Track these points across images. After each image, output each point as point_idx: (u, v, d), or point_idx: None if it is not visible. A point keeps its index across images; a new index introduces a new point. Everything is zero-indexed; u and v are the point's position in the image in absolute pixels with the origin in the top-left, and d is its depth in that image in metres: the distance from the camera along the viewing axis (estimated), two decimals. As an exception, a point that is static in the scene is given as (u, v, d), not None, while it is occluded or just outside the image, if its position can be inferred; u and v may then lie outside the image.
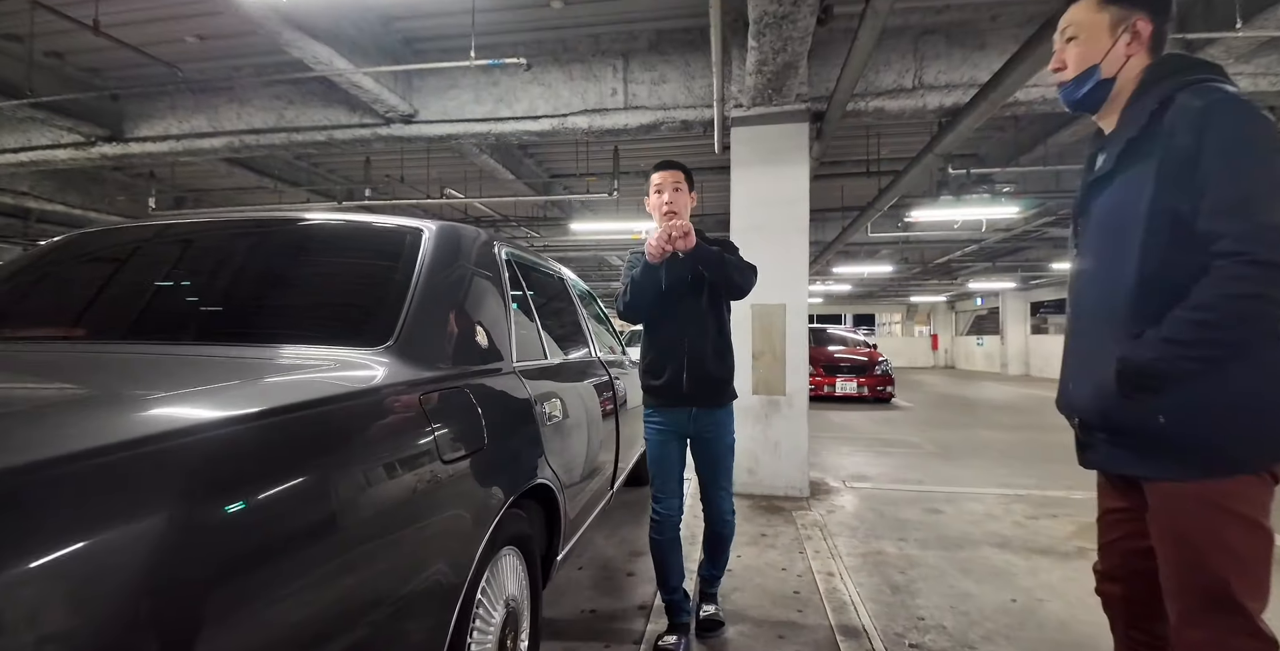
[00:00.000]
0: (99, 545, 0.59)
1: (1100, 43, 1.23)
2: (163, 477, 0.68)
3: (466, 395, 1.37)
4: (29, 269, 1.63)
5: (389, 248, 1.58)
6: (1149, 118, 1.15)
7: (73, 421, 0.73)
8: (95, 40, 3.91)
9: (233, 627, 0.70)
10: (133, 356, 1.17)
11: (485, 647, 1.38)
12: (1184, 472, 1.11)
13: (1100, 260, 1.24)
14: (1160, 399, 1.10)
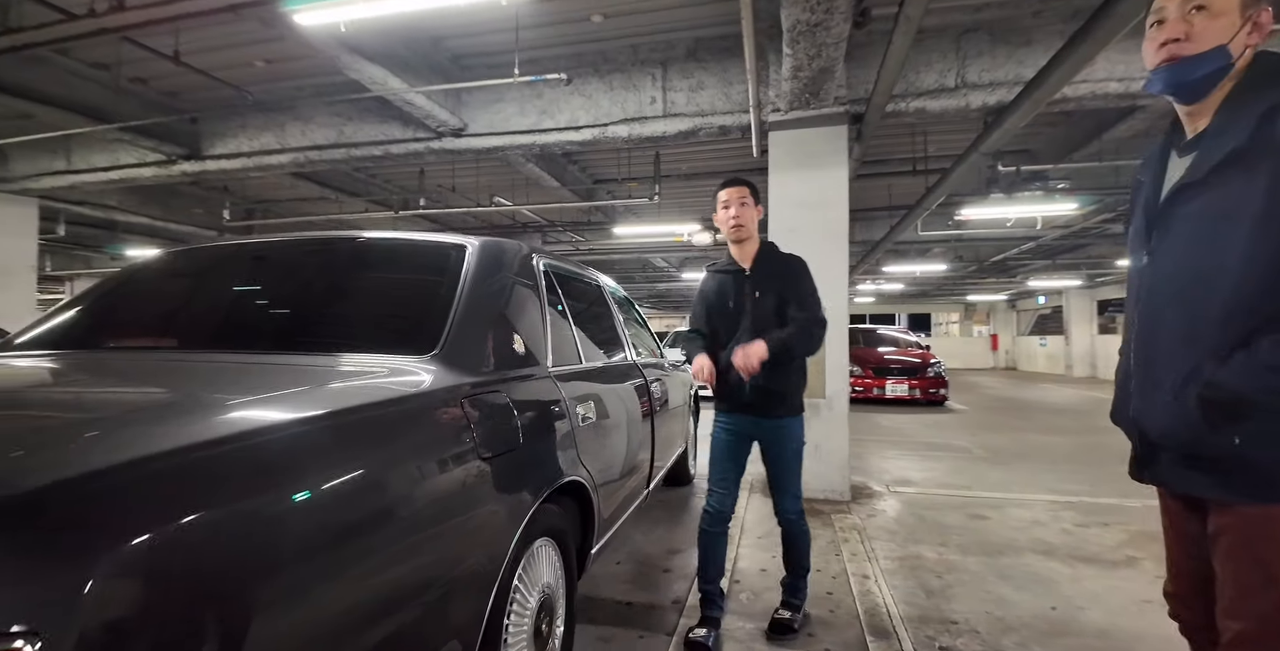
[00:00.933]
0: (192, 528, 0.73)
1: (1233, 19, 1.09)
2: (246, 470, 0.83)
3: (503, 398, 1.50)
4: (125, 285, 1.86)
5: (435, 263, 1.73)
6: (1258, 123, 1.05)
7: (170, 421, 0.88)
8: (174, 66, 4.28)
9: (303, 601, 0.83)
10: (215, 364, 1.35)
11: (521, 630, 1.50)
12: (1260, 495, 1.06)
13: (1185, 272, 1.15)
14: (1239, 423, 1.05)
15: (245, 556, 0.77)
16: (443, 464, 1.19)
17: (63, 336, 1.62)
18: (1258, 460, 1.05)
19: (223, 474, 0.80)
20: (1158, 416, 1.16)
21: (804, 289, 2.20)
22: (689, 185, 8.08)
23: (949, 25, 4.30)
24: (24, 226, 7.01)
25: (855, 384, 10.05)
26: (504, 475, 1.38)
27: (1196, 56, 1.10)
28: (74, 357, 1.47)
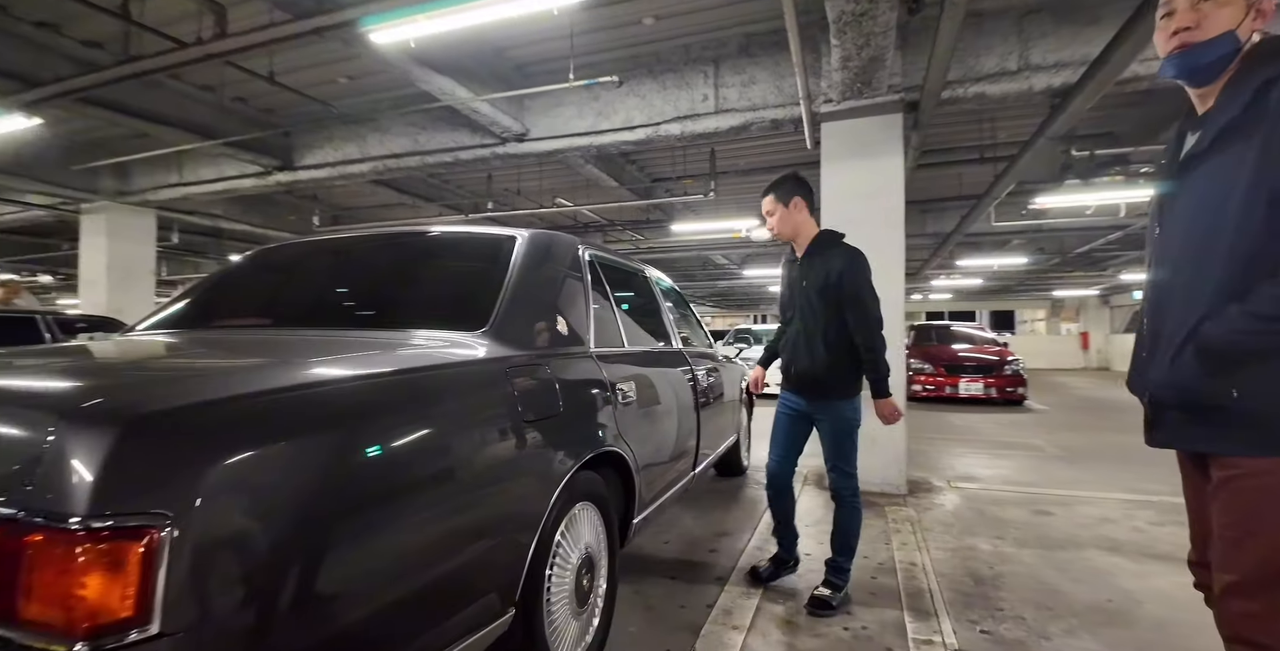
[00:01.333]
0: (280, 448, 0.91)
1: (1239, 7, 1.16)
2: (327, 406, 1.02)
3: (546, 370, 1.66)
4: (231, 276, 2.15)
5: (488, 252, 1.92)
6: (1253, 96, 1.11)
7: (267, 372, 1.08)
8: (269, 86, 4.74)
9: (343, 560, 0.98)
10: (302, 337, 1.58)
11: (564, 582, 1.66)
12: (1254, 449, 1.10)
13: (1190, 240, 1.21)
14: (1235, 374, 1.10)
15: (324, 474, 0.95)
16: (488, 420, 1.36)
17: (179, 320, 1.91)
18: (1255, 412, 1.09)
19: (310, 409, 0.99)
20: (1162, 372, 1.21)
21: (852, 285, 2.27)
22: (746, 180, 8.09)
23: (1010, 7, 4.17)
24: (144, 235, 7.86)
25: (926, 382, 9.75)
26: (544, 438, 1.53)
27: (1206, 42, 1.16)
28: (190, 335, 1.75)
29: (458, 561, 1.23)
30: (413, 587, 1.11)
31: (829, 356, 2.30)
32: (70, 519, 0.72)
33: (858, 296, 2.26)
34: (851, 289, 2.26)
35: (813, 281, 2.33)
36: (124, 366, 1.25)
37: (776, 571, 2.55)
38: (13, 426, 0.79)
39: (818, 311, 2.32)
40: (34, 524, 0.73)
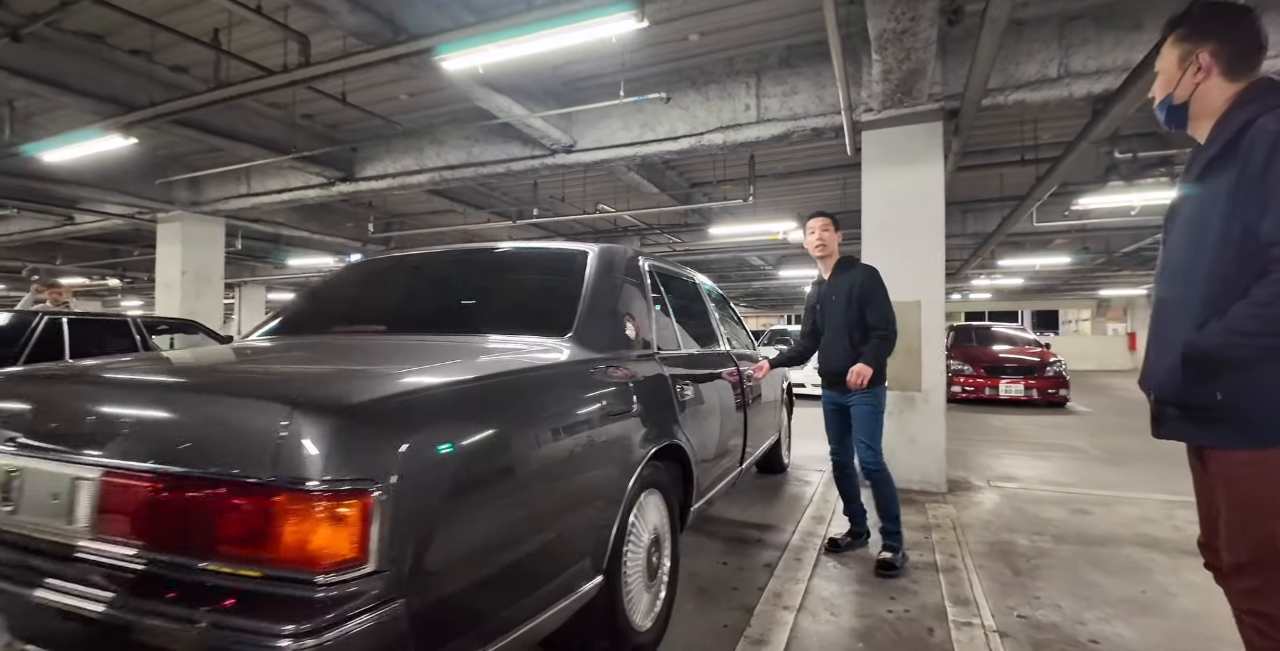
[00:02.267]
0: (445, 431, 1.15)
1: (1170, 76, 1.42)
2: (464, 400, 1.25)
3: (620, 370, 1.88)
4: (336, 287, 2.44)
5: (566, 266, 2.16)
6: (1232, 136, 1.29)
7: (417, 372, 1.32)
8: (335, 103, 5.08)
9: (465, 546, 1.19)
10: (421, 342, 1.84)
11: (637, 557, 1.88)
12: (1240, 441, 1.27)
13: (1181, 259, 1.39)
14: (1218, 380, 1.28)
15: (471, 454, 1.19)
16: (580, 413, 1.59)
17: (299, 325, 2.19)
18: (1236, 410, 1.26)
19: (456, 402, 1.23)
20: (1160, 375, 1.38)
21: (869, 294, 2.81)
22: (784, 183, 8.22)
23: (1051, 14, 4.25)
24: (214, 242, 8.39)
25: (966, 383, 9.70)
26: (623, 429, 1.76)
27: (1156, 107, 1.49)
28: (323, 338, 2.04)
29: (564, 527, 1.46)
30: (537, 543, 1.36)
31: (854, 352, 2.80)
32: (307, 483, 0.96)
33: (875, 297, 2.82)
34: (871, 295, 2.82)
35: (840, 293, 2.87)
36: (313, 366, 1.52)
37: (851, 543, 3.02)
38: (252, 415, 1.05)
39: (845, 317, 2.85)
40: (280, 488, 0.97)
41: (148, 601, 0.99)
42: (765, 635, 2.14)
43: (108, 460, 1.11)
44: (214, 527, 0.99)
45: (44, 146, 5.14)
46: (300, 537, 0.96)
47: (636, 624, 1.86)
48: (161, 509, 1.04)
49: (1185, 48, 1.40)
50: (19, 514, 1.20)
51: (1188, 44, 1.40)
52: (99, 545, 1.09)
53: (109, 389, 1.30)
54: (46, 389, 1.37)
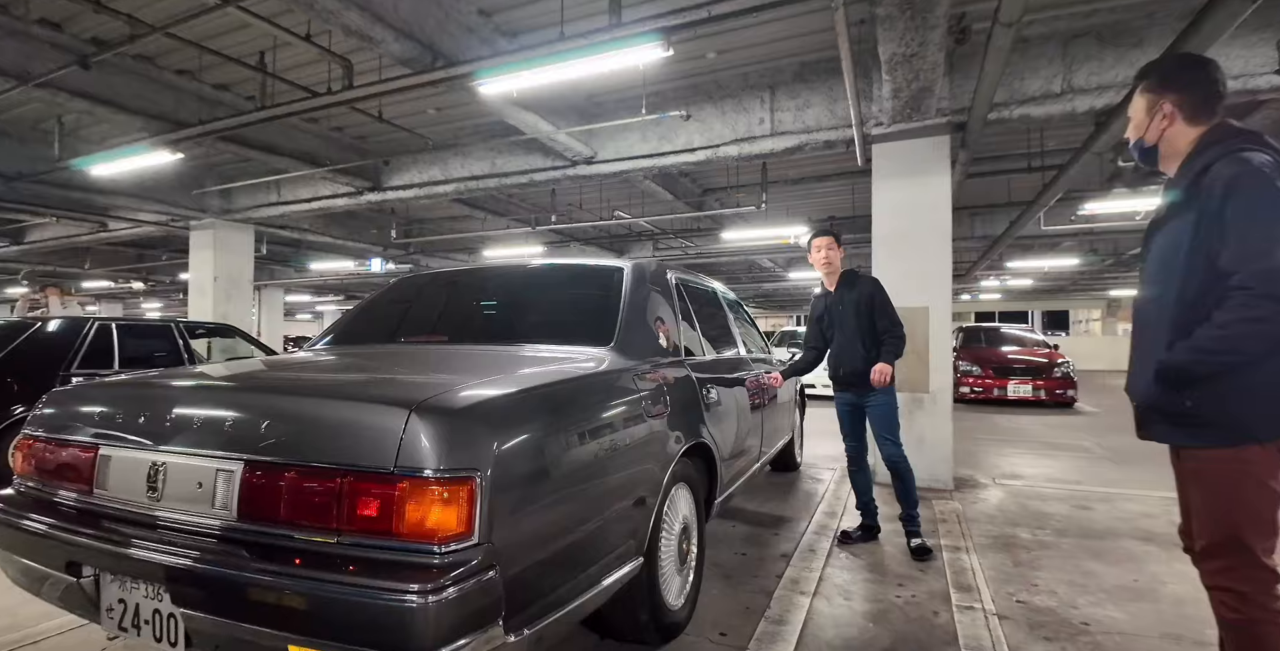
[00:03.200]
0: (524, 430, 1.38)
1: (1140, 120, 1.63)
2: (550, 404, 1.49)
3: (657, 375, 2.11)
4: (394, 300, 2.69)
5: (604, 280, 2.39)
6: (1194, 177, 1.47)
7: (491, 378, 1.56)
8: (364, 116, 5.33)
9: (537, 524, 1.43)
10: (482, 351, 2.08)
11: (670, 543, 2.10)
12: (1208, 441, 1.47)
13: (1154, 285, 1.58)
14: (1189, 390, 1.47)
15: (545, 448, 1.43)
16: (625, 415, 1.82)
17: (364, 335, 2.44)
18: (1204, 416, 1.46)
19: (532, 405, 1.48)
20: (1140, 386, 1.59)
21: (879, 303, 3.08)
22: (796, 189, 8.42)
23: (1055, 32, 4.43)
24: (244, 248, 8.69)
25: (974, 384, 9.85)
26: (660, 428, 1.98)
27: (1130, 149, 1.69)
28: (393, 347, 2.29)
29: (613, 513, 1.69)
30: (592, 527, 1.59)
31: (867, 355, 3.06)
32: (425, 471, 1.20)
33: (885, 307, 3.10)
34: (881, 303, 3.10)
35: (849, 304, 3.14)
36: (410, 373, 1.76)
37: (864, 536, 3.24)
38: (376, 417, 1.28)
39: (856, 325, 3.11)
40: (401, 476, 1.21)
41: (292, 569, 1.22)
42: (784, 616, 2.36)
43: (247, 455, 1.35)
44: (350, 509, 1.23)
45: (93, 161, 5.43)
46: (419, 515, 1.20)
47: (670, 603, 2.09)
48: (300, 495, 1.28)
49: (1151, 98, 1.60)
50: (164, 501, 1.45)
51: (1154, 94, 1.60)
52: (242, 524, 1.33)
53: (244, 393, 1.54)
54: (184, 392, 1.61)
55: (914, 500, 3.11)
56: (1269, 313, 1.36)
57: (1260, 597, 1.47)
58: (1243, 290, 1.37)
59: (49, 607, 2.41)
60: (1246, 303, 1.37)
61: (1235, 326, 1.38)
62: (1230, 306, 1.39)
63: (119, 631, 1.45)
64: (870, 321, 3.08)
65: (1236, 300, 1.38)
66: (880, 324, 3.07)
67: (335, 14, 3.24)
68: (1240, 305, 1.38)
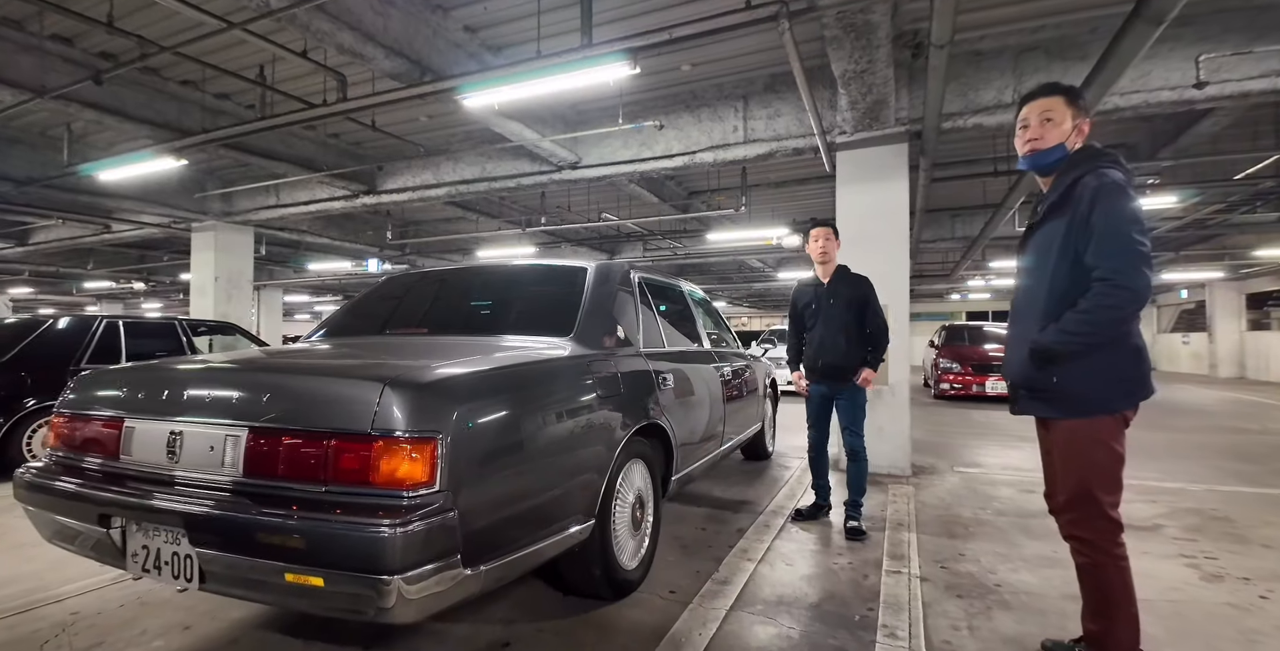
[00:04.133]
0: (481, 403, 1.67)
1: (1066, 129, 1.81)
2: (495, 382, 1.77)
3: (611, 363, 2.39)
4: (383, 296, 2.98)
5: (570, 278, 2.68)
6: (1066, 188, 1.76)
7: (459, 360, 1.84)
8: (359, 124, 5.61)
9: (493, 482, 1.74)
10: (457, 340, 2.36)
11: (624, 510, 2.38)
12: (1068, 413, 1.77)
13: (1030, 278, 1.89)
14: (1054, 368, 1.76)
15: (505, 417, 1.71)
16: (577, 396, 2.10)
17: (357, 328, 2.73)
18: (1066, 391, 1.75)
19: (489, 382, 1.75)
20: (1014, 366, 1.88)
21: (872, 304, 3.24)
22: (778, 192, 8.71)
23: (1006, 46, 4.72)
24: (244, 249, 8.97)
25: (954, 381, 10.14)
26: (611, 409, 2.27)
27: (1047, 149, 1.84)
28: (382, 338, 2.58)
29: (563, 480, 1.97)
30: (544, 489, 1.88)
31: (848, 350, 3.22)
32: (395, 433, 1.48)
33: (877, 309, 3.27)
34: (874, 304, 3.26)
35: (840, 299, 3.25)
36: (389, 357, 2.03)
37: (814, 513, 3.46)
38: (357, 390, 1.56)
39: (843, 320, 3.24)
40: (378, 437, 1.49)
41: (287, 512, 1.50)
42: (729, 578, 2.65)
43: (251, 423, 1.63)
44: (335, 464, 1.51)
45: (101, 166, 5.70)
46: (390, 468, 1.48)
47: (624, 563, 2.37)
48: (295, 454, 1.56)
49: (1076, 113, 1.82)
50: (181, 463, 1.73)
51: (1077, 110, 1.83)
52: (247, 479, 1.61)
53: (248, 373, 1.83)
54: (197, 374, 1.90)
55: (862, 488, 3.31)
56: (1121, 300, 1.65)
57: (1104, 544, 1.77)
58: (1102, 281, 1.66)
59: (71, 573, 2.72)
60: (1105, 292, 1.65)
61: (1095, 312, 1.67)
62: (1091, 295, 1.67)
63: (142, 573, 1.73)
64: (859, 319, 3.22)
65: (1097, 290, 1.67)
66: (871, 325, 3.21)
67: (329, 35, 3.52)
68: (1100, 294, 1.66)
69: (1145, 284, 1.64)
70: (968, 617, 2.31)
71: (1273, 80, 4.15)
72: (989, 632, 2.20)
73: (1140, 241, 1.65)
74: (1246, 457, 5.42)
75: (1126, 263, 1.64)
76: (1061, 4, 4.34)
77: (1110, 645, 1.76)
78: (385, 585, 1.40)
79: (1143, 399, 1.75)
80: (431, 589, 1.47)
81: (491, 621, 2.25)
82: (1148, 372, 1.75)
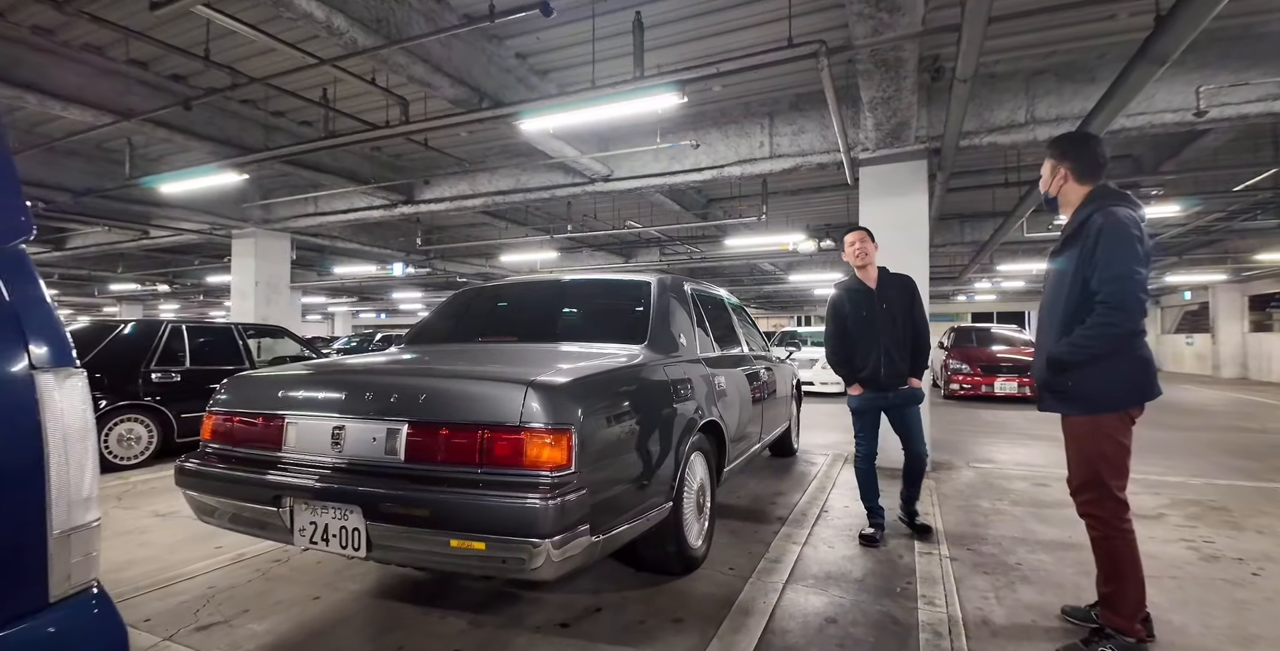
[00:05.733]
0: (598, 402, 2.01)
1: (1047, 177, 2.27)
2: (613, 384, 2.12)
3: (679, 367, 2.74)
4: (469, 305, 3.34)
5: (634, 291, 3.03)
6: (1080, 224, 2.12)
7: (564, 366, 2.19)
8: (401, 136, 5.96)
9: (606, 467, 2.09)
10: (548, 348, 2.71)
11: (691, 495, 2.72)
12: (1081, 411, 2.10)
13: (1050, 301, 2.24)
14: (1069, 374, 2.11)
15: (610, 413, 2.06)
16: (656, 397, 2.45)
17: (450, 335, 3.08)
18: (1080, 392, 2.09)
19: (601, 384, 2.10)
20: (1038, 371, 2.22)
21: (919, 305, 3.23)
22: (795, 199, 9.05)
23: (1019, 70, 5.05)
24: (282, 255, 9.33)
25: (964, 382, 10.46)
26: (684, 408, 2.61)
27: (1043, 193, 2.30)
28: (481, 345, 2.95)
29: (652, 466, 2.32)
30: (640, 473, 2.22)
31: (906, 354, 3.18)
32: (537, 424, 1.83)
33: (924, 313, 3.25)
34: (920, 307, 3.25)
35: (893, 303, 3.17)
36: (514, 364, 2.35)
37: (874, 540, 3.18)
38: (505, 391, 1.91)
39: (899, 325, 3.16)
40: (524, 428, 1.84)
41: (451, 489, 1.85)
42: (780, 557, 2.99)
43: (411, 419, 1.98)
44: (490, 450, 1.86)
45: (163, 179, 6.06)
46: (534, 453, 1.83)
47: (691, 542, 2.72)
48: (451, 443, 1.91)
49: (1053, 163, 2.24)
50: (344, 452, 2.08)
51: (1055, 160, 2.24)
52: (408, 464, 1.96)
53: (403, 377, 2.18)
54: (351, 377, 2.25)
55: (919, 488, 3.37)
56: (1118, 320, 1.99)
57: (1113, 520, 2.11)
58: (1103, 304, 2.01)
59: (186, 556, 3.07)
60: (1104, 313, 2.00)
61: (1096, 329, 2.02)
62: (1095, 315, 2.02)
63: (310, 545, 2.08)
64: (910, 322, 3.15)
65: (1098, 311, 2.02)
66: (920, 327, 3.16)
67: (404, 67, 3.87)
68: (1100, 314, 2.01)
69: (1138, 306, 1.98)
70: (994, 589, 2.65)
71: (1269, 103, 4.47)
72: (1014, 601, 2.53)
73: (1136, 271, 1.98)
74: (1245, 454, 5.74)
75: (1122, 289, 1.97)
76: (1071, 33, 4.67)
77: (1120, 604, 2.10)
78: (536, 547, 1.74)
79: (1147, 401, 2.09)
80: (569, 552, 1.81)
81: (581, 591, 2.59)
82: (1153, 379, 2.08)
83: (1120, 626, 2.08)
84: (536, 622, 2.32)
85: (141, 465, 5.23)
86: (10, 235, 1.03)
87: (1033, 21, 4.33)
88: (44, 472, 0.97)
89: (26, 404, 0.97)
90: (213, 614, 2.43)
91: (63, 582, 0.99)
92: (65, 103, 4.66)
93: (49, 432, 0.98)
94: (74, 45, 4.76)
